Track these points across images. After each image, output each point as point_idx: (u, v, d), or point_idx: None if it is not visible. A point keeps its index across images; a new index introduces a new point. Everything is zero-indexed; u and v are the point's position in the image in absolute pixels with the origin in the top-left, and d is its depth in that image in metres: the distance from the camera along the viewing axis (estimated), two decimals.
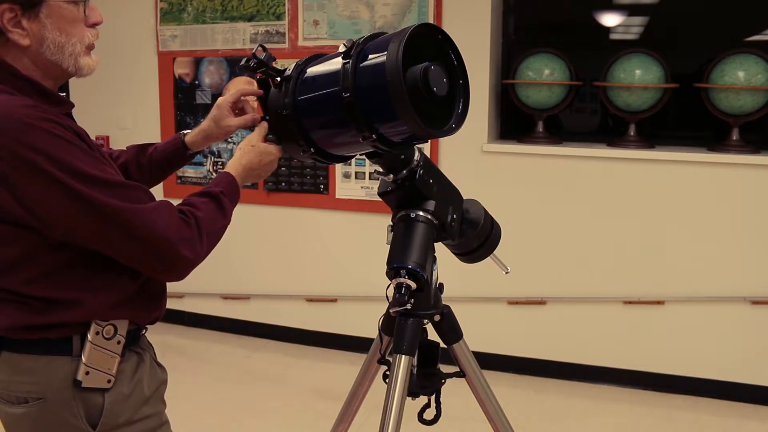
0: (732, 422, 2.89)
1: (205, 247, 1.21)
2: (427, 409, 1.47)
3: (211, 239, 1.23)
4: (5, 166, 1.06)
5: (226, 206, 1.28)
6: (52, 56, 1.16)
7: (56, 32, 1.15)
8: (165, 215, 1.15)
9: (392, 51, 1.14)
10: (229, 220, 1.29)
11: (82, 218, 1.09)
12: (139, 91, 3.76)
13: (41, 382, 1.19)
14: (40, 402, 1.19)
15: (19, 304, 1.16)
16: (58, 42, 1.15)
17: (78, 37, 1.18)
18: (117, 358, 1.23)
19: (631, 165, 3.04)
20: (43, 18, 1.13)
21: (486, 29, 3.15)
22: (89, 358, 1.19)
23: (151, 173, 1.53)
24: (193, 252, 1.17)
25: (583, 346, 3.20)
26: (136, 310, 1.26)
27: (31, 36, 1.14)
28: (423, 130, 1.17)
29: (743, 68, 2.88)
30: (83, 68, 1.21)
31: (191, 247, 1.17)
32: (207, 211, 1.23)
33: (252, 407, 3.01)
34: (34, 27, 1.13)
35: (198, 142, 1.52)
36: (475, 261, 1.53)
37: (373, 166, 1.38)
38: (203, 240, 1.20)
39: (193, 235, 1.18)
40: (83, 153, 1.11)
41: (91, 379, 1.20)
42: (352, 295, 3.50)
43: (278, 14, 3.46)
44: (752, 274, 2.94)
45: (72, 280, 1.17)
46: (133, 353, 1.29)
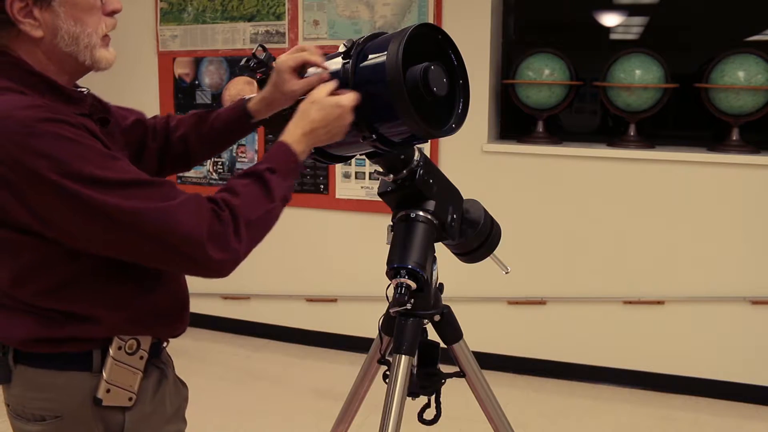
0: (732, 422, 2.89)
1: (245, 241, 1.05)
2: (427, 409, 1.47)
3: (253, 230, 1.07)
4: (11, 174, 0.97)
5: (272, 186, 1.10)
6: (67, 48, 1.07)
7: (70, 22, 1.05)
8: (189, 211, 1.01)
9: (392, 51, 1.14)
10: (277, 203, 1.11)
11: (96, 226, 0.99)
12: (139, 91, 3.76)
13: (59, 399, 1.11)
14: (57, 420, 1.12)
15: (34, 316, 1.09)
16: (72, 32, 1.06)
17: (93, 27, 1.08)
18: (139, 374, 1.15)
19: (631, 165, 3.04)
20: (56, 7, 1.04)
21: (486, 29, 3.15)
22: (110, 374, 1.12)
23: (212, 143, 1.39)
24: (226, 251, 1.03)
25: (583, 346, 3.20)
26: (159, 325, 1.19)
27: (44, 27, 1.04)
28: (423, 130, 1.17)
29: (743, 68, 2.88)
30: (100, 61, 1.11)
31: (223, 245, 1.02)
32: (246, 197, 1.07)
33: (252, 407, 3.01)
34: (47, 17, 1.04)
35: (262, 110, 1.34)
36: (475, 261, 1.53)
37: (373, 166, 1.38)
38: (240, 233, 1.04)
39: (225, 230, 1.03)
40: (95, 153, 1.00)
41: (112, 398, 1.12)
42: (352, 295, 3.50)
43: (278, 14, 3.46)
44: (752, 274, 2.94)
45: (88, 292, 1.09)
46: (155, 368, 1.21)
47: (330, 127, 1.17)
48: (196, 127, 1.38)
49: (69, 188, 0.96)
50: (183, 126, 1.38)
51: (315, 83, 1.24)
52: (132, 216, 0.98)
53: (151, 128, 1.38)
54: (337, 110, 1.17)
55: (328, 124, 1.17)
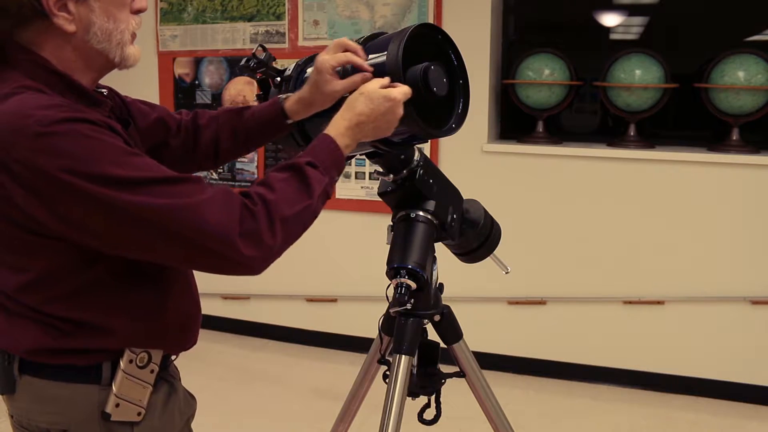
0: (732, 422, 2.89)
1: (279, 237, 1.01)
2: (427, 409, 1.47)
3: (289, 227, 1.03)
4: (30, 175, 0.93)
5: (312, 181, 1.05)
6: (99, 44, 1.04)
7: (104, 17, 1.03)
8: (219, 206, 0.97)
9: (392, 51, 1.14)
10: (315, 199, 1.06)
11: (121, 226, 0.95)
12: (139, 91, 3.73)
13: (65, 412, 1.07)
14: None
15: (42, 324, 1.04)
16: (106, 29, 1.04)
17: (125, 24, 1.07)
18: (149, 388, 1.12)
19: (631, 165, 3.04)
20: (92, 1, 1.01)
21: (486, 29, 3.15)
22: (120, 388, 1.08)
23: (246, 142, 1.34)
24: (259, 248, 0.99)
25: (583, 346, 3.20)
26: (171, 337, 1.16)
27: (77, 21, 1.01)
28: (423, 130, 1.17)
29: (743, 68, 2.88)
30: (128, 58, 1.09)
31: (255, 241, 0.98)
32: (283, 191, 1.03)
33: (252, 407, 3.01)
34: (82, 11, 1.01)
35: (300, 111, 1.28)
36: (475, 261, 1.53)
37: (373, 166, 1.38)
38: (275, 229, 1.00)
39: (258, 227, 0.99)
40: (117, 151, 0.96)
41: (121, 412, 1.08)
42: (352, 295, 3.50)
43: (278, 14, 3.46)
44: (752, 274, 2.94)
45: (103, 301, 1.05)
46: (164, 382, 1.18)
47: (378, 122, 1.13)
48: (230, 125, 1.33)
49: (90, 189, 0.93)
50: (214, 123, 1.34)
51: (359, 83, 1.18)
52: (158, 214, 0.94)
53: (175, 126, 1.34)
54: (386, 104, 1.12)
55: (377, 119, 1.12)
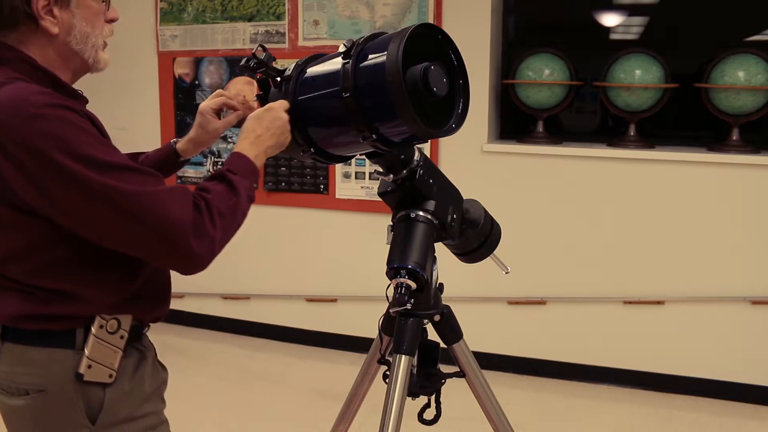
0: (732, 422, 2.89)
1: (219, 229, 1.14)
2: (427, 409, 1.47)
3: (226, 220, 1.16)
4: (21, 153, 1.05)
5: (235, 183, 1.21)
6: (77, 46, 1.19)
7: (83, 22, 1.19)
8: (178, 198, 1.10)
9: (392, 51, 1.14)
10: (243, 197, 1.22)
11: (92, 205, 1.07)
12: (139, 91, 3.76)
13: (43, 374, 1.19)
14: (41, 394, 1.19)
15: (22, 293, 1.16)
16: (84, 32, 1.19)
17: (100, 30, 1.22)
18: (119, 353, 1.22)
19: (631, 165, 3.04)
20: (74, 8, 1.17)
21: (486, 29, 3.15)
22: (92, 351, 1.19)
23: None
24: (204, 240, 1.11)
25: (583, 346, 3.20)
26: (141, 307, 1.26)
27: (61, 24, 1.16)
28: (423, 130, 1.17)
29: (743, 68, 2.88)
30: (101, 62, 1.24)
31: (201, 233, 1.11)
32: (216, 192, 1.18)
33: (252, 407, 3.01)
34: (65, 16, 1.17)
35: (189, 150, 1.51)
36: (475, 261, 1.53)
37: (373, 166, 1.38)
38: (215, 221, 1.14)
39: (202, 219, 1.12)
40: (96, 139, 1.09)
41: (92, 373, 1.19)
42: (352, 295, 3.50)
43: (278, 14, 3.46)
44: (752, 274, 2.94)
45: (77, 273, 1.17)
46: (135, 350, 1.28)
47: (272, 129, 1.29)
48: None
49: (73, 168, 1.05)
50: None
51: (234, 121, 1.48)
52: (127, 198, 1.07)
53: None
54: (269, 114, 1.29)
55: (269, 128, 1.28)
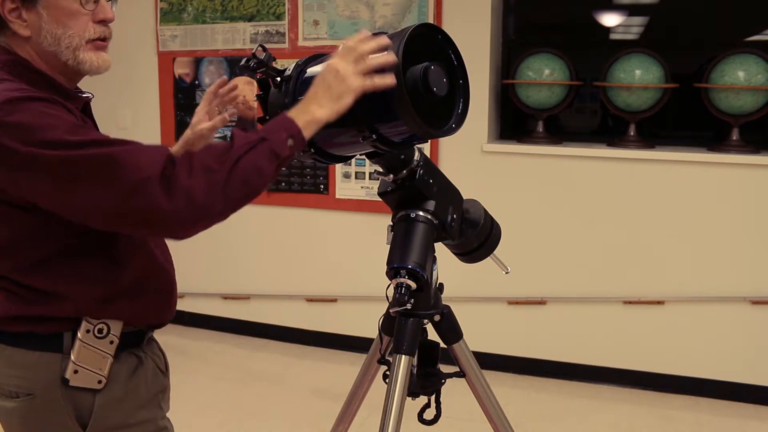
0: (732, 422, 2.89)
1: (200, 180, 1.03)
2: (427, 409, 1.47)
3: (213, 175, 1.04)
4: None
5: (235, 138, 1.09)
6: (50, 47, 1.15)
7: (53, 24, 1.14)
8: (149, 153, 1.04)
9: (392, 51, 1.14)
10: (239, 151, 1.07)
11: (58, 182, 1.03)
12: (139, 91, 3.76)
13: (31, 377, 1.17)
14: (29, 398, 1.18)
15: (7, 293, 1.16)
16: (53, 33, 1.14)
17: (76, 30, 1.16)
18: (108, 358, 1.19)
19: (631, 165, 3.04)
20: (41, 9, 1.13)
21: (486, 29, 3.15)
22: (78, 356, 1.17)
23: None
24: (174, 192, 1.02)
25: (583, 346, 3.20)
26: (132, 311, 1.22)
27: (31, 27, 1.14)
28: (423, 130, 1.17)
29: (743, 68, 2.88)
30: (84, 63, 1.18)
31: (171, 184, 1.02)
32: (206, 149, 1.09)
33: (252, 407, 3.01)
34: (33, 18, 1.13)
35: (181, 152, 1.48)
36: (475, 261, 1.53)
37: (373, 166, 1.38)
38: (194, 174, 1.03)
39: (177, 172, 1.03)
40: (66, 123, 1.05)
41: (79, 378, 1.17)
42: (352, 295, 3.50)
43: (278, 14, 3.46)
44: (752, 274, 2.94)
45: (60, 271, 1.15)
46: (132, 355, 1.25)
47: (332, 90, 1.14)
48: None
49: (38, 154, 1.01)
50: None
51: (220, 124, 1.50)
52: (91, 162, 1.02)
53: None
54: (330, 73, 1.15)
55: (329, 87, 1.14)
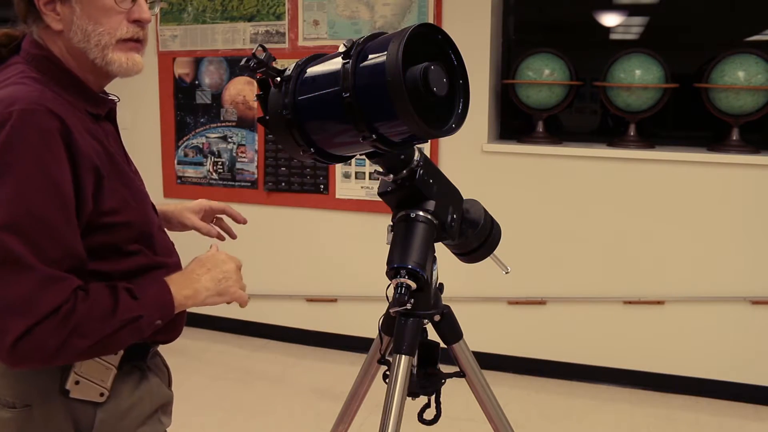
0: (732, 422, 2.89)
1: (53, 343, 0.99)
2: (427, 409, 1.46)
3: (70, 342, 1.01)
4: None
5: (121, 305, 1.05)
6: (79, 44, 1.11)
7: (85, 19, 1.10)
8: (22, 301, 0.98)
9: (392, 51, 1.13)
10: (108, 334, 1.04)
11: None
12: (139, 91, 3.76)
13: (29, 387, 1.13)
14: (26, 409, 1.13)
15: None
16: (84, 29, 1.10)
17: (107, 28, 1.11)
18: (112, 370, 1.15)
19: (631, 165, 3.04)
20: (74, 3, 1.09)
21: (486, 29, 3.15)
22: (80, 367, 1.12)
23: None
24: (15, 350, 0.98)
25: (583, 346, 3.20)
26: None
27: (63, 21, 1.10)
28: (423, 130, 1.17)
29: (743, 68, 2.88)
30: (112, 63, 1.13)
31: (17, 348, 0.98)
32: (92, 300, 1.03)
33: (252, 407, 3.01)
34: (66, 11, 1.10)
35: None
36: (475, 261, 1.52)
37: (373, 166, 1.37)
38: (58, 335, 0.99)
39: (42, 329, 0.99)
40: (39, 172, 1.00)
41: (80, 390, 1.12)
42: (352, 295, 3.50)
43: (278, 14, 3.46)
44: (752, 274, 2.94)
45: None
46: (135, 369, 1.21)
47: (213, 272, 1.22)
48: None
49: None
50: None
51: (203, 231, 1.48)
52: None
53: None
54: (214, 259, 1.23)
55: (210, 270, 1.22)
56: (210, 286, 1.20)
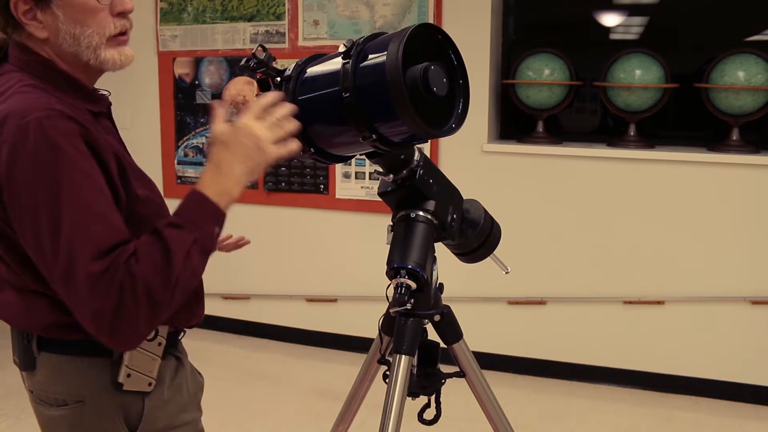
0: (732, 422, 2.89)
1: (146, 309, 0.98)
2: (427, 409, 1.46)
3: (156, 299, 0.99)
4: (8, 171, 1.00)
5: (172, 246, 1.01)
6: (70, 48, 1.10)
7: (70, 23, 1.08)
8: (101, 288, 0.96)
9: (392, 51, 1.14)
10: (179, 263, 1.01)
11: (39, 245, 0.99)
12: (139, 91, 3.76)
13: (81, 384, 1.15)
14: (79, 405, 1.15)
15: (51, 299, 1.10)
16: (72, 33, 1.09)
17: (96, 28, 1.10)
18: (158, 360, 1.19)
19: (631, 165, 3.04)
20: (56, 9, 1.07)
21: (486, 29, 3.15)
22: (131, 359, 1.16)
23: None
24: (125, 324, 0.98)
25: (583, 346, 3.20)
26: (178, 313, 1.15)
27: (48, 28, 1.09)
28: (423, 130, 1.17)
29: (743, 68, 2.88)
30: (106, 62, 1.13)
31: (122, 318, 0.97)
32: (146, 261, 0.99)
33: (252, 407, 3.01)
34: (48, 19, 1.08)
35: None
36: (475, 261, 1.52)
37: (373, 166, 1.38)
38: (139, 302, 0.98)
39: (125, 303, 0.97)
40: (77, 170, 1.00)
41: (132, 382, 1.16)
42: (352, 295, 3.50)
43: (278, 14, 3.46)
44: (752, 274, 2.94)
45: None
46: (172, 357, 1.25)
47: (241, 150, 1.10)
48: None
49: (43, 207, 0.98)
50: None
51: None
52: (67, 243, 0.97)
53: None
54: (237, 133, 1.11)
55: (236, 151, 1.10)
56: (244, 168, 1.09)
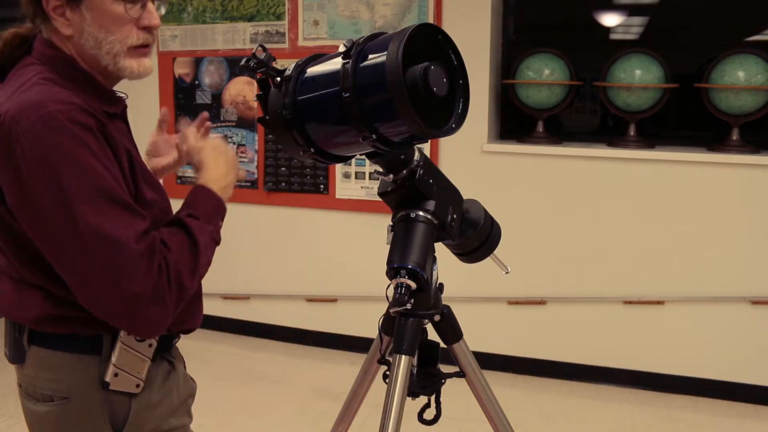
0: (732, 422, 2.89)
1: (175, 296, 1.07)
2: (427, 409, 1.46)
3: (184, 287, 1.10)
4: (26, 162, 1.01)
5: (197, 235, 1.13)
6: (91, 50, 1.13)
7: (95, 27, 1.11)
8: (144, 267, 1.03)
9: (392, 51, 1.13)
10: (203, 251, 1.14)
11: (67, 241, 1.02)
12: (139, 91, 3.74)
13: (68, 380, 1.15)
14: (64, 402, 1.15)
15: (45, 292, 1.12)
16: (95, 37, 1.12)
17: (119, 36, 1.13)
18: (147, 362, 1.19)
19: (631, 165, 3.04)
20: (84, 11, 1.10)
21: (486, 29, 3.15)
22: (119, 359, 1.15)
23: None
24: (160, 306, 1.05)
25: (583, 346, 3.20)
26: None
27: (73, 27, 1.11)
28: (423, 130, 1.17)
29: (743, 68, 2.88)
30: (124, 70, 1.16)
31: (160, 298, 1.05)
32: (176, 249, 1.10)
33: (252, 407, 3.01)
34: (76, 18, 1.11)
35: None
36: (475, 261, 1.52)
37: (373, 166, 1.37)
38: (172, 289, 1.07)
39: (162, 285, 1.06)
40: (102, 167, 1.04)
41: (119, 382, 1.16)
42: (352, 295, 3.50)
43: (278, 14, 3.46)
44: (752, 274, 2.94)
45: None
46: (164, 360, 1.25)
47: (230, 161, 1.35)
48: None
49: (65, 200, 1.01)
50: None
51: (175, 167, 1.56)
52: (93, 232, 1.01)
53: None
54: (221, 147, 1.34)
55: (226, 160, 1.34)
56: (233, 175, 1.34)
